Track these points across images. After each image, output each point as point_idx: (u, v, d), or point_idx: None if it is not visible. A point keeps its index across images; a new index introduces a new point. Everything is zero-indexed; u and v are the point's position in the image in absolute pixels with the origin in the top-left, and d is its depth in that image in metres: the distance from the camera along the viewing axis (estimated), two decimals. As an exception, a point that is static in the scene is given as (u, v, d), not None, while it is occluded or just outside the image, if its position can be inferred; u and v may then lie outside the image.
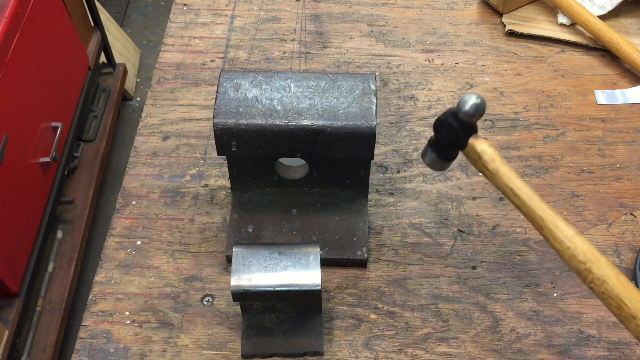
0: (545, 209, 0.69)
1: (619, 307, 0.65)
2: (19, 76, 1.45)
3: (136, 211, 0.93)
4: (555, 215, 0.69)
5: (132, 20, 2.59)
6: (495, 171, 0.72)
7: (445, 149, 0.76)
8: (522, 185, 0.70)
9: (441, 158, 0.77)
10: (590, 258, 0.66)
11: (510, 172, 0.71)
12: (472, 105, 0.70)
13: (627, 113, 1.04)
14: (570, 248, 0.67)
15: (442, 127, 0.75)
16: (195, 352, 0.80)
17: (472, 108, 0.70)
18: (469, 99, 0.70)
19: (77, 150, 1.89)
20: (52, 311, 1.60)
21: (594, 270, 0.66)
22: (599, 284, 0.66)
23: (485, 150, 0.72)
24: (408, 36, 1.15)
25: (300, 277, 0.75)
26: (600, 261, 0.66)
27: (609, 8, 1.13)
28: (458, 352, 0.80)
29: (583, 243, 0.67)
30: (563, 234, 0.68)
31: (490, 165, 0.72)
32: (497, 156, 0.72)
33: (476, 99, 0.70)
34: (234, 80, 0.82)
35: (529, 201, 0.70)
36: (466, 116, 0.71)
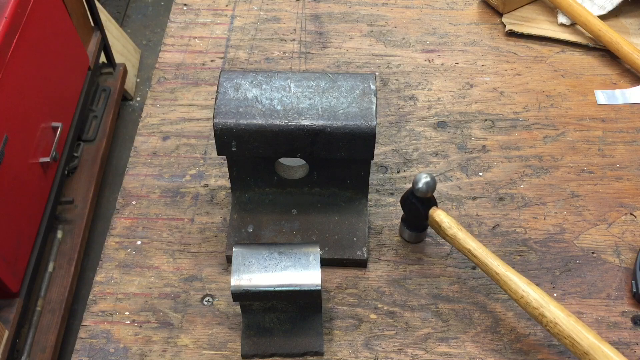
0: (499, 265, 0.77)
1: (573, 345, 0.72)
2: (19, 76, 1.45)
3: (136, 211, 0.93)
4: (508, 269, 0.77)
5: (132, 20, 2.59)
6: (453, 236, 0.80)
7: (413, 222, 0.87)
8: (477, 246, 0.79)
9: (414, 230, 0.87)
10: (542, 304, 0.74)
11: (466, 236, 0.80)
12: (423, 184, 0.80)
13: (627, 113, 1.04)
14: (524, 297, 0.75)
15: (405, 205, 0.85)
16: (195, 352, 0.80)
17: (423, 186, 0.80)
18: (420, 179, 0.80)
19: (77, 150, 1.89)
20: (52, 311, 1.60)
21: (546, 314, 0.73)
22: (552, 325, 0.73)
23: (443, 220, 0.81)
24: (408, 36, 1.15)
25: (300, 277, 0.75)
26: (550, 305, 0.73)
27: (609, 8, 1.13)
28: (458, 352, 0.80)
29: (535, 291, 0.75)
30: (516, 284, 0.76)
31: (449, 232, 0.81)
32: (453, 223, 0.81)
33: (425, 177, 0.80)
34: (234, 80, 0.82)
35: (484, 259, 0.78)
36: (421, 193, 0.81)
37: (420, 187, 0.80)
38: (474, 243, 0.79)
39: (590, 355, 0.70)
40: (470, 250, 0.79)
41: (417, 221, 0.86)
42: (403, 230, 0.89)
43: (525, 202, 0.93)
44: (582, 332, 0.71)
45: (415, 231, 0.87)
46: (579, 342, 0.71)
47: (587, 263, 0.87)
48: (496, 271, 0.77)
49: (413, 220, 0.86)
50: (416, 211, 0.83)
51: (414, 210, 0.84)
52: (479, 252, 0.78)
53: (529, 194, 0.94)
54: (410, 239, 0.89)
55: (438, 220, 0.81)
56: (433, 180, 0.80)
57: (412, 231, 0.87)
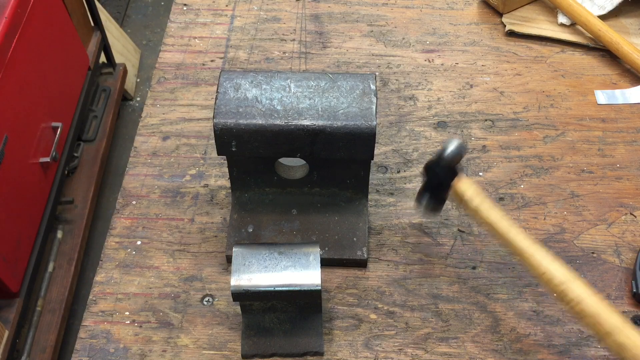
0: (522, 240, 0.74)
1: (595, 325, 0.69)
2: (19, 76, 1.45)
3: (136, 211, 0.93)
4: (531, 244, 0.74)
5: (132, 20, 2.59)
6: (475, 209, 0.77)
7: (434, 192, 0.82)
8: (500, 219, 0.76)
9: (433, 201, 0.82)
10: (565, 280, 0.71)
11: (490, 210, 0.76)
12: (451, 151, 0.77)
13: (627, 113, 1.04)
14: (545, 273, 0.72)
15: (428, 172, 0.81)
16: (195, 352, 0.80)
17: (451, 154, 0.77)
18: (449, 145, 0.76)
19: (77, 150, 1.89)
20: (52, 311, 1.60)
21: (569, 292, 0.71)
22: (575, 304, 0.70)
23: (466, 191, 0.78)
24: (408, 36, 1.15)
25: (300, 277, 0.75)
26: (575, 283, 0.71)
27: (609, 8, 1.13)
28: (458, 352, 0.80)
29: (558, 268, 0.72)
30: (539, 260, 0.73)
31: (471, 204, 0.77)
32: (477, 195, 0.77)
33: (455, 144, 0.76)
34: (234, 80, 0.82)
35: (507, 234, 0.75)
36: (446, 161, 0.77)
37: (447, 155, 0.76)
38: (497, 216, 0.75)
39: (613, 335, 0.68)
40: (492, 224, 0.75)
41: (438, 191, 0.81)
42: (421, 200, 0.83)
43: (525, 202, 0.93)
44: (606, 311, 0.69)
45: (433, 202, 0.82)
46: (602, 322, 0.68)
47: (587, 263, 0.87)
48: (519, 246, 0.74)
49: (434, 189, 0.81)
50: (439, 180, 0.79)
51: (437, 179, 0.79)
52: (501, 226, 0.75)
53: (529, 194, 0.94)
54: (427, 210, 0.83)
55: (460, 191, 0.77)
56: (462, 148, 0.76)
57: (430, 201, 0.82)
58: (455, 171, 0.79)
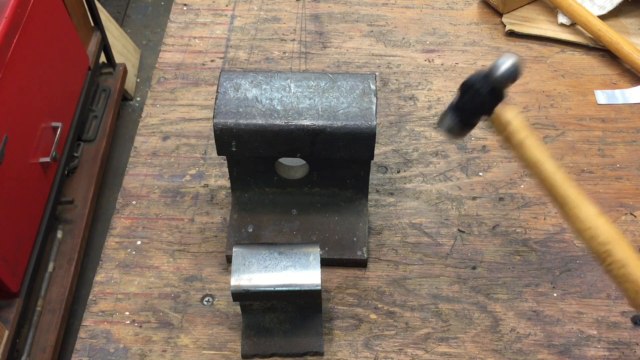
0: (569, 187, 0.66)
1: (636, 292, 0.63)
2: (19, 76, 1.45)
3: (136, 211, 0.93)
4: (579, 193, 0.66)
5: (132, 20, 2.59)
6: (519, 143, 0.68)
7: (468, 114, 0.71)
8: (547, 160, 0.67)
9: (462, 123, 0.72)
10: (611, 241, 0.64)
11: (536, 146, 0.67)
12: (506, 69, 0.65)
13: (627, 113, 1.04)
14: (591, 228, 0.65)
15: (469, 90, 0.69)
16: (195, 352, 0.80)
17: (506, 72, 0.66)
18: (504, 62, 0.66)
19: (77, 150, 1.88)
20: (52, 311, 1.60)
21: (614, 253, 0.64)
22: (618, 267, 0.64)
23: (512, 121, 0.68)
24: (408, 36, 1.15)
25: (300, 277, 0.75)
26: (622, 245, 0.64)
27: (609, 8, 1.13)
28: (458, 352, 0.80)
29: (605, 225, 0.65)
30: (585, 213, 0.65)
31: (515, 137, 0.68)
32: (523, 128, 0.68)
33: (512, 61, 0.66)
34: (234, 80, 0.82)
35: (552, 176, 0.67)
36: (498, 81, 0.67)
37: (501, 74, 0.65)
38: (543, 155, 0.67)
39: None
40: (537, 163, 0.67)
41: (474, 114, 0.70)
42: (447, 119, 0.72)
43: (525, 202, 0.93)
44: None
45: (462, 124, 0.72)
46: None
47: (587, 263, 0.87)
48: (564, 194, 0.66)
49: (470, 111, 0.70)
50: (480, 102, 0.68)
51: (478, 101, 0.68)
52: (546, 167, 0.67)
53: (529, 194, 0.94)
54: (452, 132, 0.73)
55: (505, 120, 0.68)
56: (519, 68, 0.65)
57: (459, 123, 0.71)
58: (502, 95, 0.68)
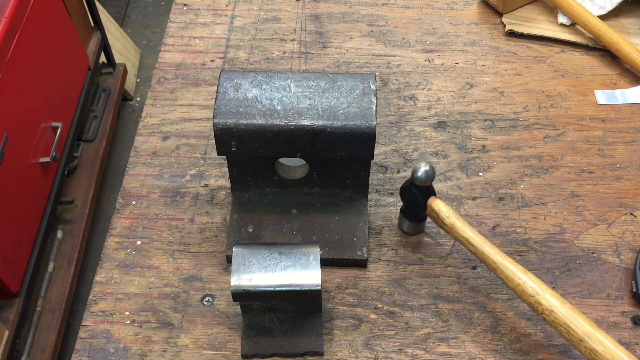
0: (495, 253, 0.78)
1: (568, 333, 0.72)
2: (19, 76, 1.45)
3: (136, 211, 0.93)
4: (505, 257, 0.77)
5: (132, 20, 2.59)
6: (451, 225, 0.81)
7: (412, 212, 0.87)
8: (475, 235, 0.80)
9: (413, 221, 0.88)
10: (538, 291, 0.74)
11: (463, 225, 0.80)
12: (422, 172, 0.81)
13: (627, 113, 1.04)
14: (520, 285, 0.75)
15: (404, 194, 0.85)
16: (195, 352, 0.80)
17: (422, 175, 0.81)
18: (419, 168, 0.81)
19: (77, 150, 1.89)
20: (52, 311, 1.60)
21: (542, 302, 0.73)
22: (548, 313, 0.73)
23: (441, 209, 0.82)
24: (408, 36, 1.15)
25: (300, 277, 0.75)
26: (546, 293, 0.74)
27: (609, 8, 1.13)
28: (458, 352, 0.80)
29: (531, 279, 0.75)
30: (513, 273, 0.76)
31: (447, 221, 0.81)
32: (451, 212, 0.81)
33: (425, 166, 0.80)
34: (234, 80, 0.82)
35: (481, 247, 0.79)
36: (420, 182, 0.81)
37: (420, 176, 0.81)
38: (471, 232, 0.80)
39: (585, 342, 0.71)
40: (468, 239, 0.80)
41: (416, 211, 0.86)
42: (402, 222, 0.89)
43: (525, 202, 0.93)
44: (578, 319, 0.72)
45: (414, 222, 0.88)
46: (574, 329, 0.71)
47: (587, 263, 0.87)
48: (493, 259, 0.77)
49: (412, 211, 0.86)
50: (415, 201, 0.84)
51: (413, 200, 0.84)
52: (476, 241, 0.79)
53: (529, 194, 0.94)
54: (410, 231, 0.89)
55: (436, 209, 0.82)
56: (432, 170, 0.81)
57: (411, 222, 0.88)
58: (429, 191, 0.83)
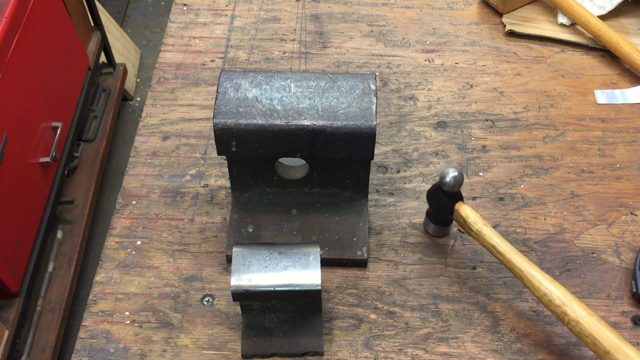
0: (523, 262, 0.77)
1: (594, 344, 0.72)
2: (19, 76, 1.45)
3: (136, 211, 0.93)
4: (532, 266, 0.77)
5: (132, 20, 2.59)
6: (478, 232, 0.81)
7: (439, 216, 0.87)
8: (502, 242, 0.79)
9: (439, 225, 0.88)
10: (564, 302, 0.74)
11: (491, 232, 0.80)
12: (450, 178, 0.80)
13: (627, 113, 1.04)
14: (546, 294, 0.75)
15: (431, 198, 0.85)
16: (195, 352, 0.80)
17: (451, 180, 0.80)
18: (447, 173, 0.80)
19: (77, 150, 1.89)
20: (52, 311, 1.60)
21: (569, 313, 0.74)
22: (574, 324, 0.73)
23: (469, 215, 0.82)
24: (408, 36, 1.15)
25: (300, 277, 0.75)
26: (573, 304, 0.74)
27: (609, 8, 1.13)
28: (458, 352, 0.80)
29: (558, 289, 0.75)
30: (540, 282, 0.76)
31: (474, 227, 0.81)
32: (479, 219, 0.81)
33: (453, 172, 0.80)
34: (234, 80, 0.82)
35: (508, 255, 0.78)
36: (448, 187, 0.81)
37: (448, 182, 0.80)
38: (498, 239, 0.79)
39: (611, 354, 0.70)
40: (495, 246, 0.79)
41: (443, 215, 0.86)
42: (428, 224, 0.89)
43: (525, 202, 0.93)
44: (604, 331, 0.71)
45: (440, 225, 0.88)
46: (600, 341, 0.71)
47: (587, 263, 0.87)
48: (520, 268, 0.77)
49: (439, 215, 0.87)
50: (442, 205, 0.84)
51: (440, 205, 0.84)
52: (502, 249, 0.79)
53: (529, 194, 0.94)
54: (435, 233, 0.89)
55: (464, 215, 0.82)
56: (460, 175, 0.80)
57: (437, 225, 0.88)
58: (457, 196, 0.83)
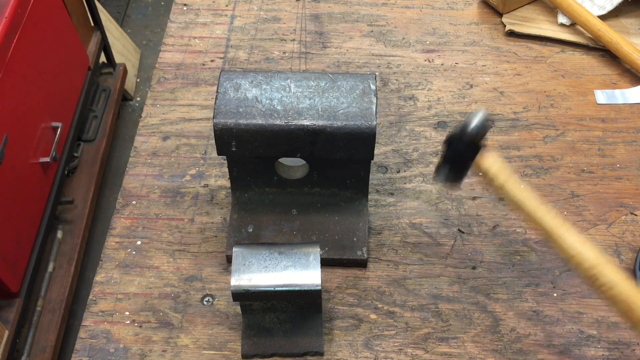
0: (550, 219, 0.71)
1: (627, 312, 0.67)
2: (19, 76, 1.45)
3: (136, 211, 0.93)
4: (561, 224, 0.71)
5: (132, 20, 2.59)
6: (501, 186, 0.74)
7: (456, 165, 0.78)
8: (528, 197, 0.73)
9: (454, 174, 0.79)
10: (597, 264, 0.68)
11: (515, 186, 0.73)
12: (475, 125, 0.73)
13: (627, 113, 1.04)
14: (575, 256, 0.69)
15: (450, 145, 0.76)
16: (195, 352, 0.80)
17: (476, 128, 0.73)
18: (473, 119, 0.73)
19: (77, 150, 1.88)
20: (52, 311, 1.60)
21: (600, 277, 0.68)
22: (606, 289, 0.68)
23: (491, 167, 0.74)
24: (408, 36, 1.15)
25: (300, 277, 0.75)
26: (607, 267, 0.68)
27: (609, 8, 1.13)
28: (458, 352, 0.80)
29: (590, 250, 0.69)
30: (569, 242, 0.70)
31: (496, 181, 0.74)
32: (501, 172, 0.74)
33: (480, 117, 0.73)
34: (234, 80, 0.82)
35: (534, 213, 0.72)
36: (473, 135, 0.73)
37: (471, 130, 0.73)
38: (524, 194, 0.73)
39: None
40: (519, 202, 0.73)
41: (459, 165, 0.77)
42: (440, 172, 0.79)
43: (525, 202, 0.93)
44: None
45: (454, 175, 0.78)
46: (635, 308, 0.66)
47: (587, 263, 0.87)
48: (548, 226, 0.71)
49: (455, 163, 0.78)
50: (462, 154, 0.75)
51: (460, 153, 0.76)
52: (528, 204, 0.72)
53: (529, 194, 0.94)
54: (447, 183, 0.80)
55: (484, 168, 0.75)
56: (487, 123, 0.73)
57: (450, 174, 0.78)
58: (478, 147, 0.75)
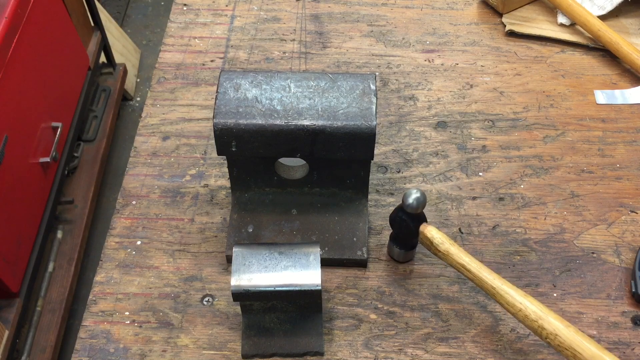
0: (494, 279, 0.76)
1: (574, 357, 0.71)
2: (19, 76, 1.45)
3: (136, 211, 0.93)
4: (504, 282, 0.76)
5: (132, 20, 2.59)
6: (446, 252, 0.79)
7: (403, 240, 0.84)
8: (471, 260, 0.78)
9: (404, 249, 0.85)
10: (540, 316, 0.73)
11: (458, 251, 0.79)
12: (413, 199, 0.78)
13: (627, 113, 1.04)
14: (522, 310, 0.74)
15: (395, 222, 0.82)
16: (195, 352, 0.80)
17: (414, 202, 0.78)
18: (410, 195, 0.78)
19: (77, 150, 1.89)
20: (52, 311, 1.60)
21: (546, 327, 0.72)
22: (552, 337, 0.72)
23: (434, 236, 0.80)
24: (408, 36, 1.15)
25: (300, 277, 0.75)
26: (549, 317, 0.72)
27: (609, 8, 1.13)
28: (458, 352, 0.80)
29: (532, 303, 0.74)
30: (513, 298, 0.74)
31: (441, 248, 0.79)
32: (445, 239, 0.79)
33: (415, 193, 0.78)
34: (234, 80, 0.82)
35: (479, 273, 0.77)
36: (411, 209, 0.79)
37: (411, 203, 0.78)
38: (467, 258, 0.78)
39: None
40: (464, 265, 0.78)
41: (407, 239, 0.84)
42: (392, 250, 0.86)
43: (525, 202, 0.93)
44: (584, 342, 0.70)
45: (404, 249, 0.85)
46: (580, 352, 0.70)
47: (587, 263, 0.87)
48: (492, 285, 0.76)
49: (403, 238, 0.84)
50: (406, 228, 0.81)
51: (404, 228, 0.81)
52: (472, 267, 0.77)
53: (529, 194, 0.94)
54: (400, 258, 0.86)
55: (429, 236, 0.80)
56: (423, 196, 0.78)
57: (401, 249, 0.85)
58: (420, 218, 0.81)
